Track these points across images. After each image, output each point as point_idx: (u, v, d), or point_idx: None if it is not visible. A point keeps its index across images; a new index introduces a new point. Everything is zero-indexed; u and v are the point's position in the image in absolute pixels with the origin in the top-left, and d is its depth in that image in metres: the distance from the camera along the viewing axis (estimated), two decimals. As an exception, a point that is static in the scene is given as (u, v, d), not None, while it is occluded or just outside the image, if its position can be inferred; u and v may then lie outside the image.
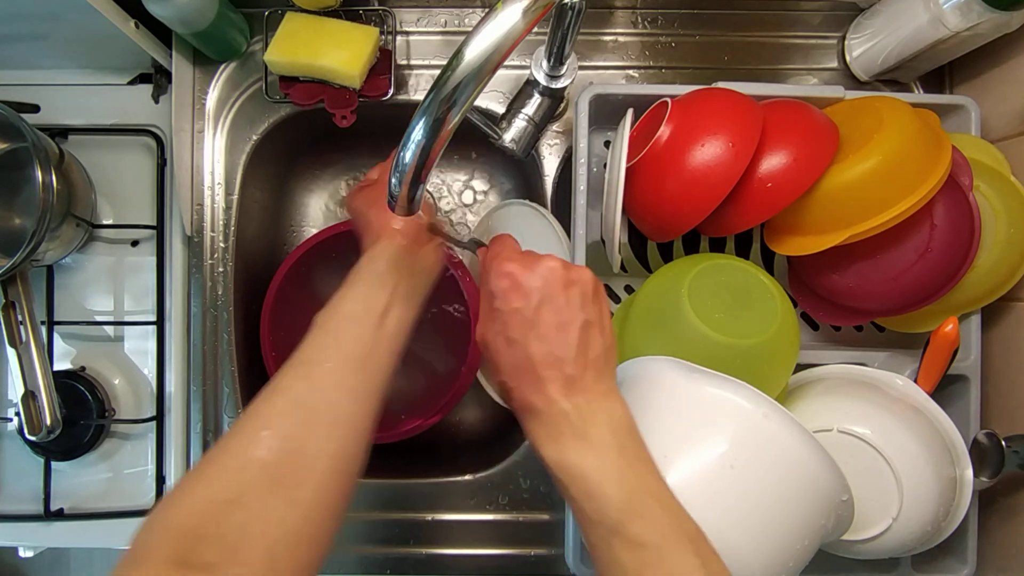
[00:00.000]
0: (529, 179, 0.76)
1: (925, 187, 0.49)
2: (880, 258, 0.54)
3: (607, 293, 0.66)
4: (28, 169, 0.57)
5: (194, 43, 0.65)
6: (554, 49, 0.57)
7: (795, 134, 0.52)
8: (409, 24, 0.69)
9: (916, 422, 0.53)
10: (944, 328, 0.55)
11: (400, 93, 0.68)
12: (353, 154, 0.81)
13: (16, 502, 0.67)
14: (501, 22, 0.33)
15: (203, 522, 0.33)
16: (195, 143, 0.68)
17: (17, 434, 0.63)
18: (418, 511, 0.66)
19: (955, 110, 0.61)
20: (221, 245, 0.68)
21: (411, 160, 0.35)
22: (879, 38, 0.63)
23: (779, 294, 0.53)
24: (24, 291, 0.61)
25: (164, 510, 0.35)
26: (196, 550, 0.32)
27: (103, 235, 0.69)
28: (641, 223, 0.58)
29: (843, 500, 0.46)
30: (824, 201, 0.51)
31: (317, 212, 0.82)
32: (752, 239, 0.65)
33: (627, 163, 0.53)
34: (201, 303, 0.67)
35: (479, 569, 0.66)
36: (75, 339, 0.69)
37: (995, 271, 0.55)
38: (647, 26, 0.69)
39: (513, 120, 0.63)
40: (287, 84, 0.65)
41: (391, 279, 0.45)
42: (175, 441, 0.66)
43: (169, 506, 0.35)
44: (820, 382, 0.58)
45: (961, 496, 0.54)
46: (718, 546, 0.38)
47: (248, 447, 0.36)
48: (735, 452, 0.44)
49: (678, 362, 0.48)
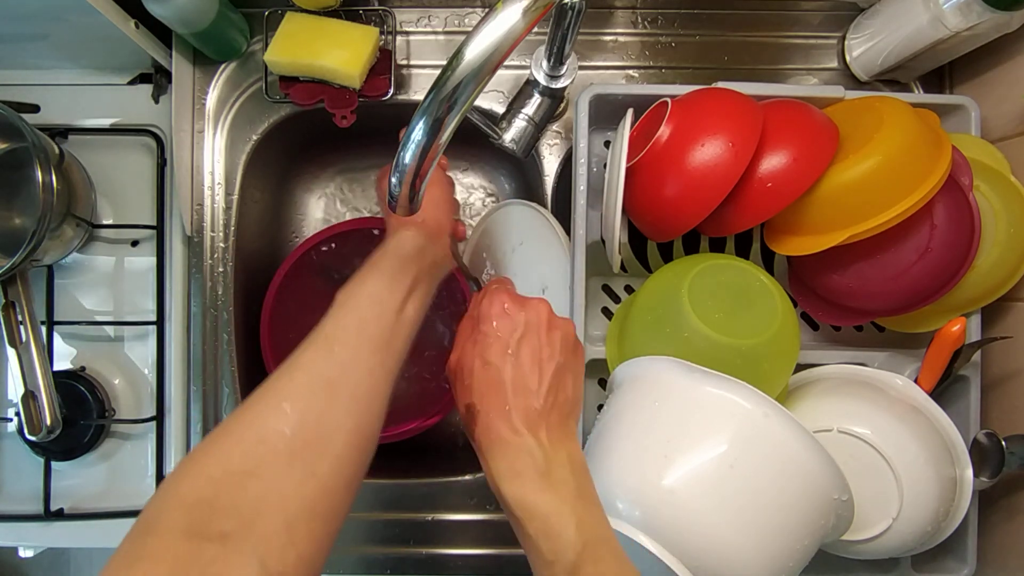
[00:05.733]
0: (529, 179, 0.76)
1: (925, 187, 0.49)
2: (880, 258, 0.54)
3: (607, 293, 0.66)
4: (28, 169, 0.57)
5: (194, 43, 0.65)
6: (554, 49, 0.57)
7: (795, 134, 0.52)
8: (409, 24, 0.69)
9: (916, 422, 0.53)
10: (951, 328, 0.55)
11: (400, 93, 0.68)
12: (353, 154, 0.81)
13: (16, 502, 0.67)
14: (501, 22, 0.33)
15: (218, 493, 0.33)
16: (195, 143, 0.68)
17: (17, 434, 0.63)
18: (418, 511, 0.66)
19: (955, 110, 0.61)
20: (221, 245, 0.68)
21: (411, 160, 0.35)
22: (879, 38, 0.63)
23: (779, 294, 0.53)
24: (24, 291, 0.61)
25: (177, 480, 0.34)
26: (211, 521, 0.32)
27: (103, 235, 0.69)
28: (641, 223, 0.58)
29: (843, 500, 0.46)
30: (824, 201, 0.51)
31: (317, 212, 0.82)
32: (752, 239, 0.65)
33: (627, 163, 0.53)
34: (201, 303, 0.67)
35: (479, 569, 0.66)
36: (75, 339, 0.69)
37: (995, 271, 0.55)
38: (647, 26, 0.69)
39: (513, 120, 0.63)
40: (287, 84, 0.65)
41: (414, 266, 0.45)
42: (175, 441, 0.66)
43: (184, 476, 0.34)
44: (820, 382, 0.59)
45: (961, 496, 0.54)
46: (718, 545, 0.38)
47: (268, 419, 0.36)
48: (735, 452, 0.44)
49: (678, 362, 0.48)
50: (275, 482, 0.34)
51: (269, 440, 0.35)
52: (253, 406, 0.37)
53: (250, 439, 0.35)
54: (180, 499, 0.33)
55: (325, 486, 0.35)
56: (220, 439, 0.36)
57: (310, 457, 0.35)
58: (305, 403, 0.37)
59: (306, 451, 0.35)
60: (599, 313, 0.65)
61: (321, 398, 0.37)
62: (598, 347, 0.61)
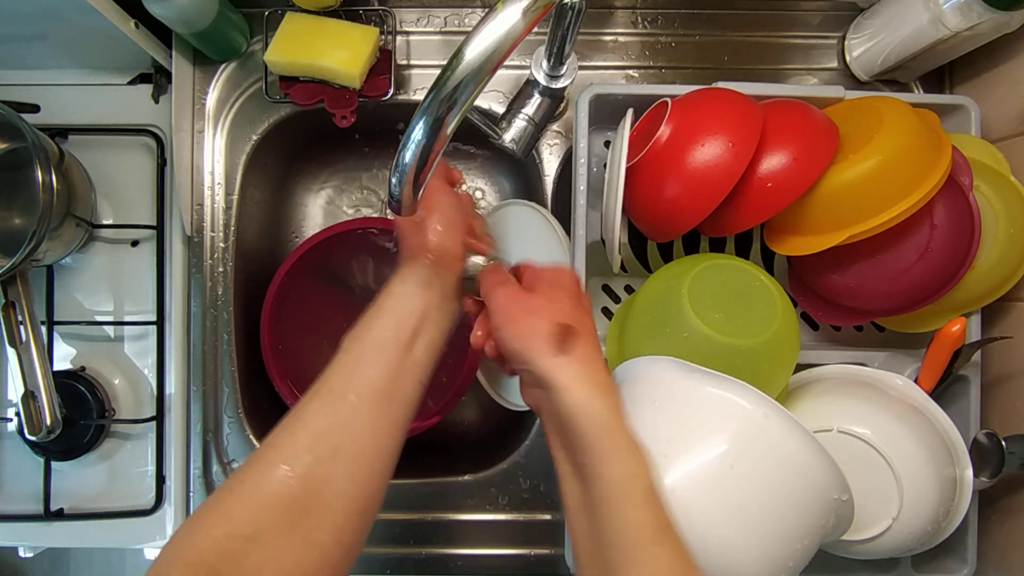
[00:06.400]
0: (529, 179, 0.76)
1: (925, 187, 0.49)
2: (880, 258, 0.54)
3: (607, 293, 0.66)
4: (28, 169, 0.57)
5: (194, 43, 0.65)
6: (554, 49, 0.57)
7: (795, 134, 0.52)
8: (409, 24, 0.69)
9: (916, 422, 0.53)
10: (951, 328, 0.55)
11: (400, 93, 0.68)
12: (353, 154, 0.81)
13: (16, 502, 0.67)
14: (501, 22, 0.33)
15: (221, 557, 0.33)
16: (195, 143, 0.68)
17: (17, 434, 0.63)
18: (418, 511, 0.66)
19: (955, 110, 0.61)
20: (221, 245, 0.68)
21: (411, 160, 0.35)
22: (879, 38, 0.63)
23: (779, 294, 0.53)
24: (24, 291, 0.61)
25: (182, 541, 0.35)
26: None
27: (103, 235, 0.69)
28: (641, 223, 0.58)
29: (843, 500, 0.46)
30: (824, 201, 0.51)
31: (317, 212, 0.82)
32: (752, 239, 0.65)
33: (627, 163, 0.53)
34: (201, 303, 0.67)
35: (479, 569, 0.66)
36: (75, 339, 0.69)
37: (995, 271, 0.55)
38: (647, 26, 0.69)
39: (513, 120, 0.63)
40: (287, 84, 0.65)
41: (421, 301, 0.44)
42: (175, 441, 0.66)
43: (188, 536, 0.35)
44: (820, 382, 0.58)
45: (961, 496, 0.54)
46: (718, 546, 0.38)
47: (268, 482, 0.36)
48: (735, 452, 0.44)
49: (678, 362, 0.48)
50: (275, 550, 0.34)
51: (269, 505, 0.35)
52: (256, 464, 0.37)
53: (251, 503, 0.36)
54: (185, 561, 0.34)
55: (325, 554, 0.36)
56: (224, 498, 0.36)
57: (310, 524, 0.36)
58: (305, 467, 0.37)
59: (306, 518, 0.36)
60: (599, 313, 0.65)
61: (322, 461, 0.37)
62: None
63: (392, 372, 0.41)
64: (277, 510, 0.35)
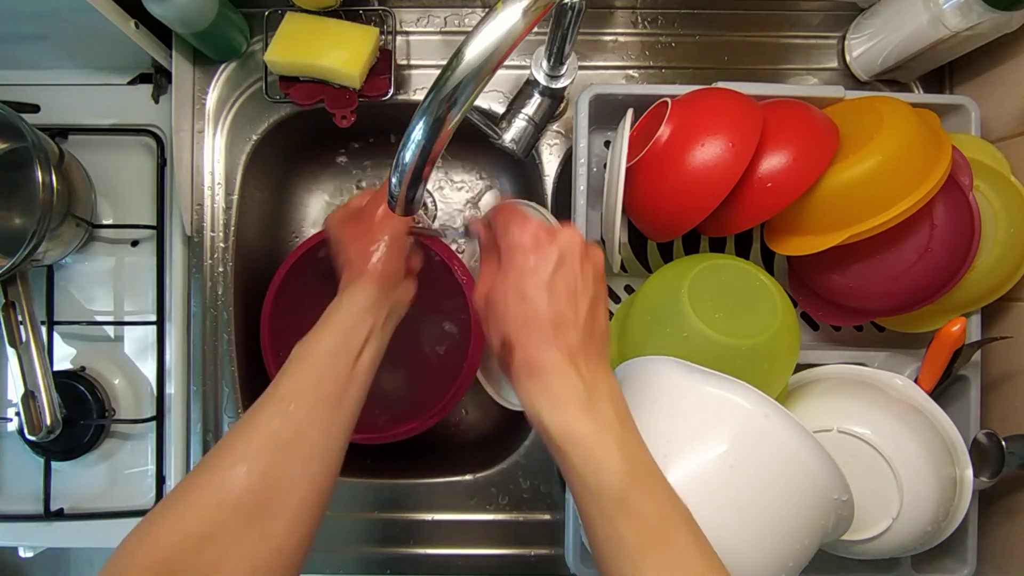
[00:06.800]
0: (529, 179, 0.76)
1: (925, 187, 0.49)
2: (880, 258, 0.54)
3: (607, 293, 0.66)
4: (28, 169, 0.57)
5: (194, 43, 0.65)
6: (554, 49, 0.57)
7: (795, 134, 0.52)
8: (409, 24, 0.69)
9: (916, 422, 0.53)
10: (951, 328, 0.55)
11: (400, 93, 0.68)
12: (353, 154, 0.81)
13: (16, 502, 0.67)
14: (501, 22, 0.33)
15: (176, 556, 0.34)
16: (195, 143, 0.68)
17: (17, 434, 0.63)
18: (418, 511, 0.66)
19: (955, 110, 0.61)
20: (221, 245, 0.68)
21: (411, 160, 0.35)
22: (879, 38, 0.63)
23: (779, 294, 0.53)
24: (24, 291, 0.61)
25: (136, 542, 0.35)
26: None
27: (103, 235, 0.69)
28: (641, 223, 0.58)
29: (843, 500, 0.46)
30: (824, 201, 0.51)
31: (317, 212, 0.82)
32: (752, 239, 0.65)
33: (627, 163, 0.53)
34: (201, 303, 0.67)
35: (479, 569, 0.66)
36: (75, 339, 0.69)
37: (995, 271, 0.55)
38: (647, 26, 0.69)
39: (513, 120, 0.63)
40: (287, 84, 0.65)
41: (370, 319, 0.46)
42: (175, 441, 0.66)
43: (142, 538, 0.35)
44: (820, 382, 0.59)
45: (961, 496, 0.54)
46: (717, 546, 0.38)
47: (224, 481, 0.37)
48: (735, 452, 0.44)
49: (678, 362, 0.48)
50: (230, 546, 0.35)
51: (226, 504, 0.36)
52: (211, 466, 0.38)
53: (207, 502, 0.36)
54: (139, 563, 0.34)
55: (279, 547, 0.37)
56: (178, 500, 0.37)
57: (265, 519, 0.36)
58: (262, 465, 0.38)
59: (262, 514, 0.36)
60: (599, 313, 0.65)
61: (278, 460, 0.39)
62: (598, 347, 0.61)
63: (341, 382, 0.43)
64: (235, 507, 0.36)
